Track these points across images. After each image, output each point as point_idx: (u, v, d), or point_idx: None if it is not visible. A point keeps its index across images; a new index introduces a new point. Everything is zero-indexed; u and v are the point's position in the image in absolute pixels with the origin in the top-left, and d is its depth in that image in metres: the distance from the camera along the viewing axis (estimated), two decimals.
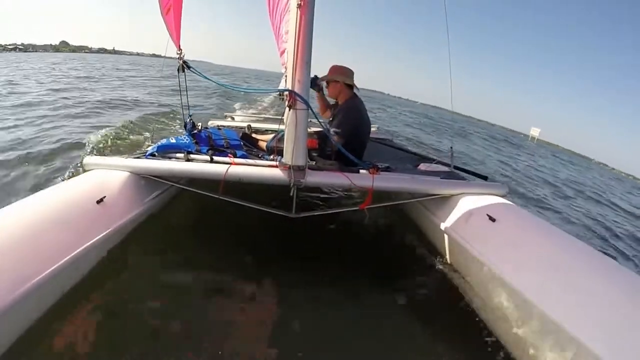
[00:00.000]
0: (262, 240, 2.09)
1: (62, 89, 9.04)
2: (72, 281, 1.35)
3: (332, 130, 2.25)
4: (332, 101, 2.57)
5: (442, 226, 1.88)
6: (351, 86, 2.37)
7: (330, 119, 2.47)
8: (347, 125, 2.24)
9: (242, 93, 12.16)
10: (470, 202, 1.88)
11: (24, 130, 4.44)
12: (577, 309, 1.15)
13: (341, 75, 2.34)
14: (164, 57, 2.17)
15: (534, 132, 35.38)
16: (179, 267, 1.77)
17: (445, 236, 1.85)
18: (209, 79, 1.97)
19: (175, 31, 1.99)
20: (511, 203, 1.88)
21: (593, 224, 5.35)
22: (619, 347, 1.02)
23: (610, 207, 8.02)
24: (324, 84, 2.47)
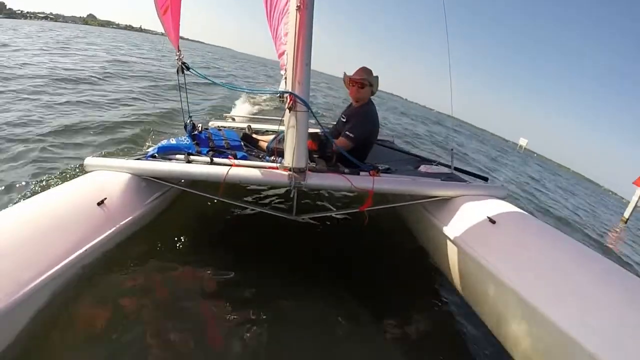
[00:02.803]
0: (262, 242, 2.10)
1: None
2: (73, 283, 1.35)
3: (344, 132, 2.25)
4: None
5: (442, 228, 1.87)
6: (370, 88, 2.34)
7: (344, 119, 2.45)
8: (360, 130, 2.24)
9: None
10: (470, 204, 1.88)
11: None
12: (578, 312, 1.15)
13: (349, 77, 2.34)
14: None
15: (522, 142, 37.17)
16: (179, 268, 1.77)
17: (445, 238, 1.84)
18: (209, 79, 1.97)
19: (173, 32, 1.97)
20: (511, 205, 1.88)
21: None
22: (618, 350, 1.02)
23: None
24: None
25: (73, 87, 6.26)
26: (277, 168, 1.81)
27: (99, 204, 1.54)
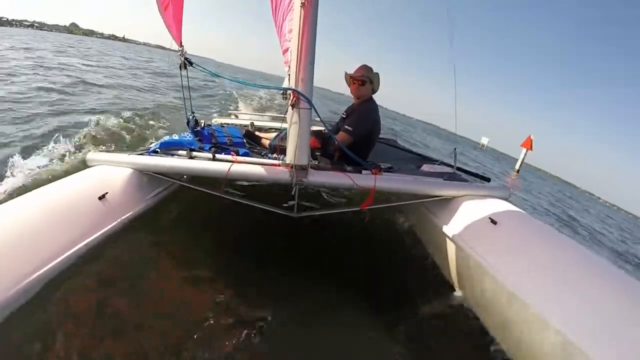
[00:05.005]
0: (263, 239, 2.10)
1: None
2: (74, 276, 1.36)
3: (343, 127, 2.26)
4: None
5: (444, 228, 1.87)
6: (371, 85, 2.36)
7: (344, 116, 2.47)
8: (360, 125, 2.25)
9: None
10: (472, 204, 1.88)
11: None
12: (577, 313, 1.15)
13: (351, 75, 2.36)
14: (169, 49, 2.16)
15: (484, 140, 40.84)
16: (179, 264, 1.77)
17: (446, 238, 1.84)
18: (212, 74, 1.96)
19: (175, 27, 1.98)
20: (513, 206, 1.88)
21: None
22: (618, 352, 1.01)
23: None
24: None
25: None
26: (279, 165, 1.81)
27: (100, 198, 1.55)
